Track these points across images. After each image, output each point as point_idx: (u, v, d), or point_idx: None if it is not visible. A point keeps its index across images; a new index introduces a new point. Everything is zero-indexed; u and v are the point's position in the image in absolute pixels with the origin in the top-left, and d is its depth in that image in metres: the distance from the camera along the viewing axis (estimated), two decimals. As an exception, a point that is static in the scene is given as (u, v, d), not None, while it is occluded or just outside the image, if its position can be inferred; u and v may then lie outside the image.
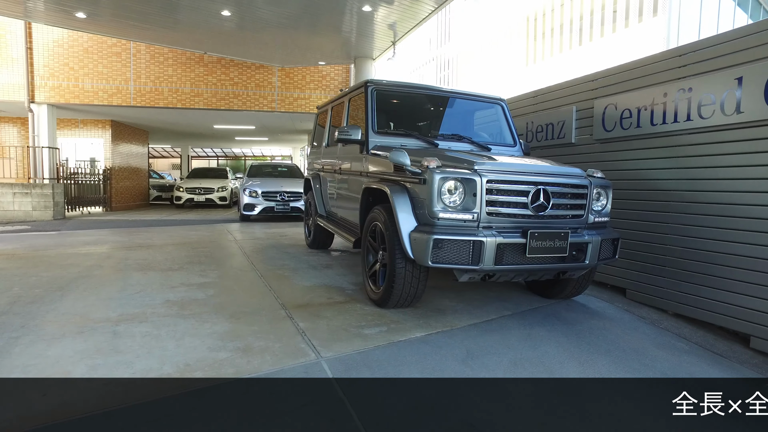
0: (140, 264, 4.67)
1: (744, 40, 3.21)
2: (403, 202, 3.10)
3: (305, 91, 11.92)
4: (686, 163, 3.59)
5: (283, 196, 10.37)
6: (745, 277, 3.19)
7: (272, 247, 6.27)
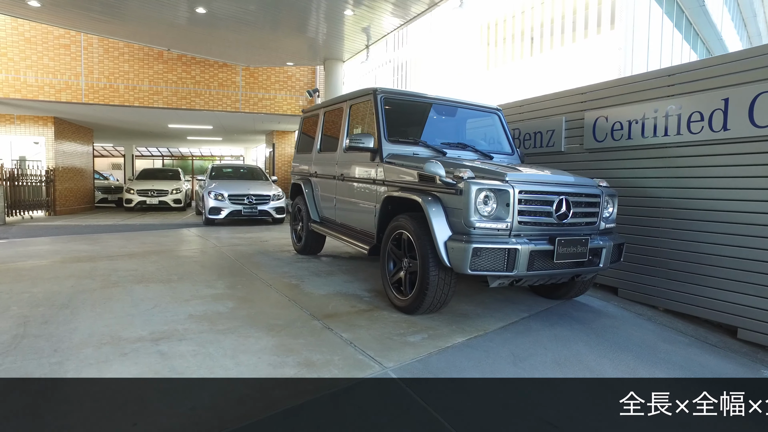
0: (134, 276, 4.44)
1: (729, 65, 3.59)
2: (437, 212, 3.19)
3: (270, 92, 11.68)
4: (676, 173, 3.95)
5: (251, 200, 10.14)
6: (730, 275, 3.57)
7: (260, 253, 6.15)
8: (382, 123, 4.19)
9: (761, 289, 3.39)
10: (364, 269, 5.11)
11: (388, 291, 3.71)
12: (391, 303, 3.70)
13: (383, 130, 4.15)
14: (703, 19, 12.73)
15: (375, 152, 4.15)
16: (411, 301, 3.41)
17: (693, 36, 13.19)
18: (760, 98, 3.37)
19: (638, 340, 3.33)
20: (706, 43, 14.20)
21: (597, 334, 3.35)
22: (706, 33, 13.62)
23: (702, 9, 12.14)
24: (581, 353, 2.96)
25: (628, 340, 3.31)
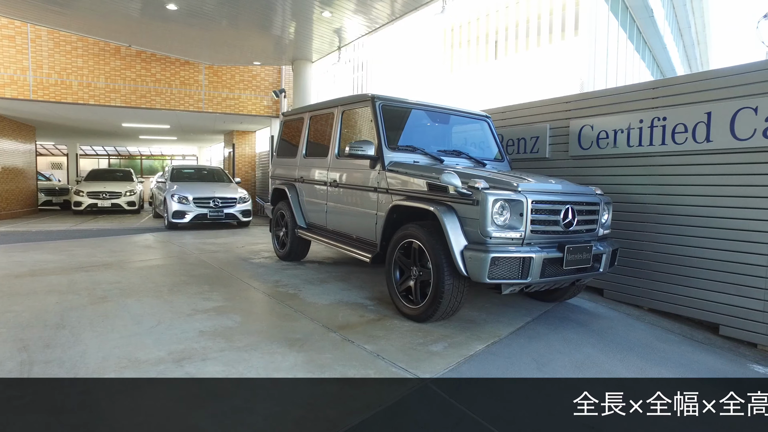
0: (121, 289, 4.19)
1: (712, 81, 3.87)
2: (452, 222, 3.24)
3: (234, 91, 11.32)
4: (660, 180, 4.21)
5: (217, 203, 9.84)
6: (711, 276, 3.85)
7: (241, 260, 5.97)
8: (383, 131, 4.18)
9: (741, 289, 3.68)
10: (356, 276, 5.08)
11: (396, 300, 3.71)
12: (398, 311, 3.71)
13: (384, 138, 4.15)
14: (651, 30, 13.61)
15: (375, 160, 4.14)
16: (424, 309, 3.44)
17: (642, 45, 14.05)
18: (740, 113, 3.65)
19: (636, 340, 3.52)
20: (653, 51, 15.16)
21: (599, 335, 3.52)
22: (653, 42, 14.55)
23: (651, 20, 12.96)
24: (592, 355, 3.10)
25: (627, 340, 3.50)
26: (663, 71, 17.92)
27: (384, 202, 4.03)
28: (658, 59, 15.97)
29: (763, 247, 3.57)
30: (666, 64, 17.50)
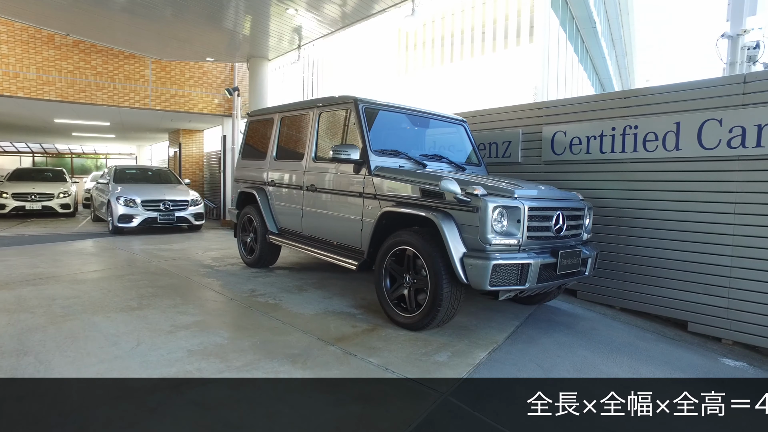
0: (82, 305, 3.79)
1: (680, 93, 4.10)
2: (451, 229, 3.20)
3: (184, 88, 10.71)
4: (632, 185, 4.41)
5: (167, 206, 9.29)
6: (680, 276, 4.09)
7: (205, 267, 5.64)
8: (367, 134, 4.08)
9: (707, 288, 3.93)
10: (333, 283, 4.94)
11: (388, 308, 3.63)
12: (390, 320, 3.63)
13: (369, 142, 4.05)
14: (593, 40, 14.41)
15: (360, 164, 4.03)
16: (420, 317, 3.38)
17: (585, 55, 14.84)
18: (707, 124, 3.90)
19: (620, 341, 3.66)
20: (593, 60, 16.07)
21: (587, 337, 3.63)
22: (594, 52, 15.41)
23: (593, 30, 13.71)
24: (587, 357, 3.18)
25: (612, 340, 3.64)
26: (602, 81, 19.02)
27: (371, 208, 3.93)
28: (597, 68, 16.95)
29: (726, 249, 3.83)
30: (604, 72, 18.59)
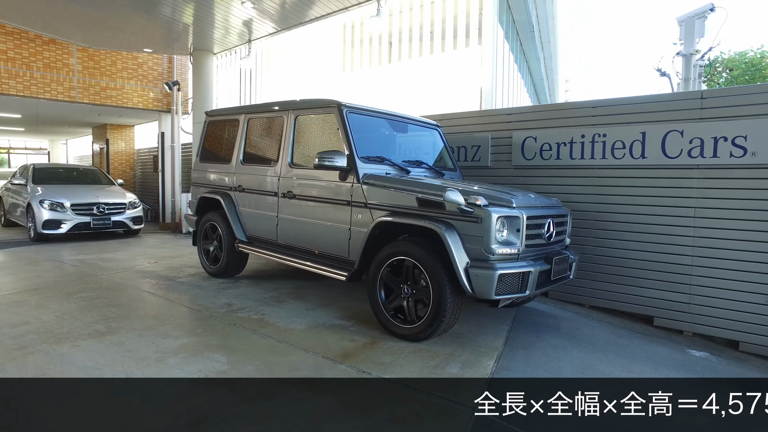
0: (39, 333, 3.33)
1: (645, 105, 4.39)
2: (455, 239, 3.19)
3: (116, 80, 9.81)
4: (601, 190, 4.66)
5: (102, 209, 8.52)
6: (646, 274, 4.40)
7: (166, 279, 5.22)
8: (353, 140, 3.96)
9: (670, 285, 4.26)
10: (309, 292, 4.78)
11: (385, 320, 3.56)
12: (386, 331, 3.56)
13: (355, 148, 3.94)
14: (530, 44, 15.09)
15: (347, 171, 3.91)
16: (422, 328, 3.35)
17: (522, 57, 15.50)
18: (669, 135, 4.21)
19: (602, 339, 3.86)
20: (528, 63, 16.82)
21: (573, 338, 3.79)
22: (530, 55, 16.14)
23: (532, 34, 14.35)
24: (583, 359, 3.33)
25: (596, 339, 3.83)
26: (535, 83, 19.97)
27: (361, 217, 3.82)
28: (532, 71, 17.78)
29: (687, 249, 4.17)
30: (537, 74, 19.51)
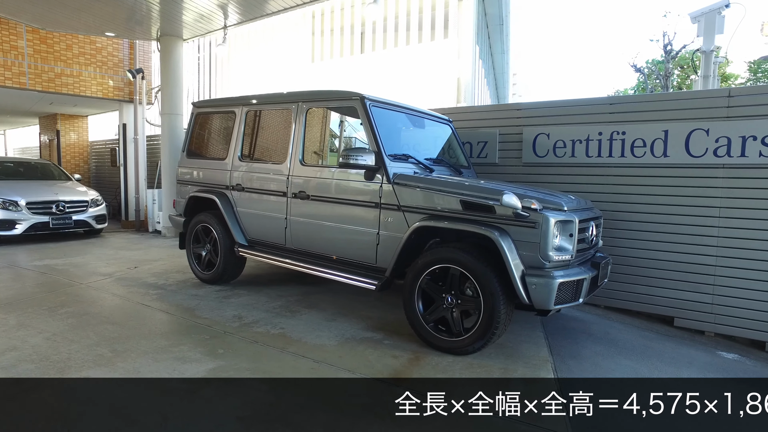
0: (32, 361, 2.81)
1: (667, 103, 4.34)
2: (510, 247, 2.97)
3: (72, 66, 8.88)
4: (619, 189, 4.58)
5: (62, 207, 7.73)
6: (666, 275, 4.37)
7: (153, 287, 4.71)
8: (380, 137, 3.65)
9: (693, 285, 4.24)
10: (320, 299, 4.45)
11: (425, 332, 3.30)
12: (425, 343, 3.31)
13: (383, 146, 3.63)
14: (497, 37, 15.13)
15: (374, 171, 3.60)
16: (470, 341, 3.11)
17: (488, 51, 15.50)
18: (694, 134, 4.17)
19: (637, 344, 3.78)
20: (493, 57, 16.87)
21: (610, 343, 3.69)
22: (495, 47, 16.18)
23: (501, 27, 14.37)
24: (632, 366, 3.24)
25: (631, 344, 3.75)
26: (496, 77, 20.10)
27: (392, 221, 3.53)
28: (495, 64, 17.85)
29: (711, 249, 4.16)
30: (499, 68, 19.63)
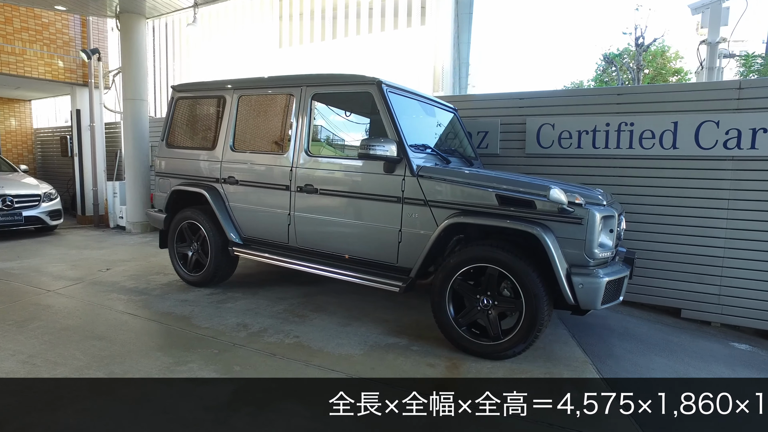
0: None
1: (677, 94, 4.30)
2: (555, 244, 2.79)
3: (14, 44, 7.91)
4: (626, 181, 4.52)
5: (10, 203, 6.93)
6: (674, 267, 4.36)
7: (133, 292, 4.24)
8: (400, 126, 3.37)
9: (700, 277, 4.26)
10: (326, 301, 4.14)
11: (458, 336, 3.07)
12: (457, 348, 3.09)
13: (404, 136, 3.35)
14: (465, 26, 15.04)
15: (396, 163, 3.32)
16: (510, 344, 2.92)
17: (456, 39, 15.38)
18: (704, 125, 4.15)
19: (658, 338, 3.74)
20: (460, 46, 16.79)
21: (636, 339, 3.63)
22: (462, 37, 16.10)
23: (470, 16, 14.27)
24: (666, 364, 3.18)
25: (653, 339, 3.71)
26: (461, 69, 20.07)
27: (418, 217, 3.26)
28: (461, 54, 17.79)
29: (719, 241, 4.18)
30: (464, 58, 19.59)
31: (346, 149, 3.79)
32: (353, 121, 3.82)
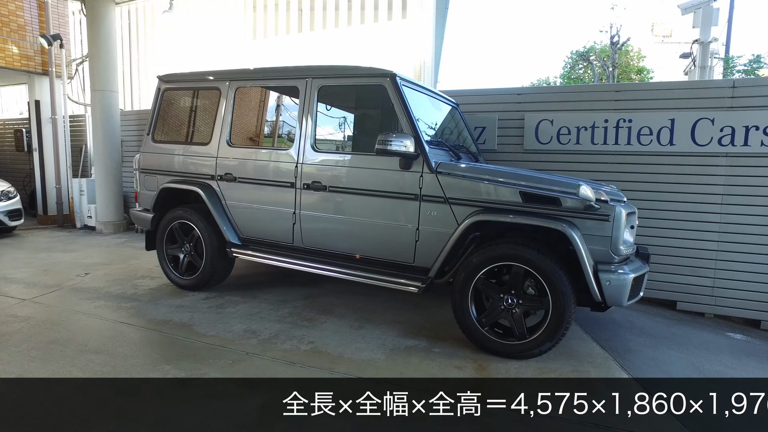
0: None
1: (674, 92, 4.38)
2: (582, 242, 2.76)
3: (-35, 27, 7.25)
4: (624, 177, 4.57)
5: (-34, 202, 6.38)
6: (669, 260, 4.46)
7: (123, 299, 3.95)
8: (416, 120, 3.26)
9: (694, 270, 4.38)
10: (330, 302, 4.00)
11: (481, 336, 3.01)
12: (480, 348, 3.03)
13: (420, 131, 3.24)
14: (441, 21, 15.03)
15: (411, 159, 3.21)
16: (536, 343, 2.88)
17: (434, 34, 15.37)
18: (699, 123, 4.26)
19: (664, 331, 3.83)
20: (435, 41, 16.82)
21: (646, 334, 3.68)
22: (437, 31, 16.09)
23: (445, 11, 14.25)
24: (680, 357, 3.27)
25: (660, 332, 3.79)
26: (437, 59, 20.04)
27: (437, 215, 3.17)
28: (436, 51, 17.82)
29: (713, 235, 4.31)
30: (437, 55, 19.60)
31: (356, 145, 3.65)
32: (362, 115, 3.67)
